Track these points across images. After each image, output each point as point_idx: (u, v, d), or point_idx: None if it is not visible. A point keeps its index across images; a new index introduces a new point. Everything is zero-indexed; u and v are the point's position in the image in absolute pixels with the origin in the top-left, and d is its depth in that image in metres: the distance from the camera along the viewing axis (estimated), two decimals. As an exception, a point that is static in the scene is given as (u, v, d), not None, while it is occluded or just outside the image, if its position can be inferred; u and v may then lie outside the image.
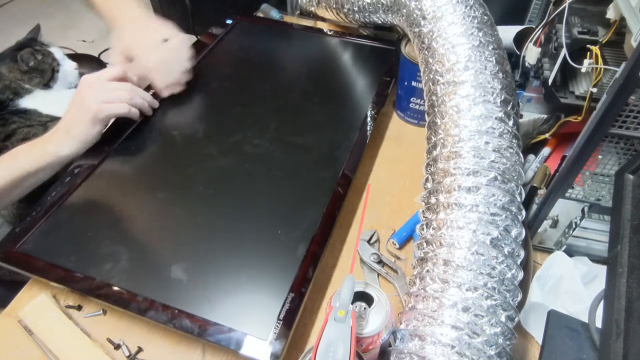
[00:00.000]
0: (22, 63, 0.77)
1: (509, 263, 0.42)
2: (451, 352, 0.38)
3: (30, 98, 0.77)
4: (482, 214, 0.43)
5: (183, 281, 0.50)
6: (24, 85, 0.77)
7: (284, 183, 0.61)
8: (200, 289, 0.49)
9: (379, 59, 0.83)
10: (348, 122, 0.70)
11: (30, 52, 0.79)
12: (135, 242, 0.54)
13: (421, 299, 0.42)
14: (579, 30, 0.51)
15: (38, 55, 0.79)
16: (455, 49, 0.53)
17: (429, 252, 0.44)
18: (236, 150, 0.65)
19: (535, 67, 0.61)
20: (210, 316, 0.47)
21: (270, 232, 0.55)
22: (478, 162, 0.45)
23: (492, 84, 0.49)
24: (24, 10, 2.05)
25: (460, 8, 0.55)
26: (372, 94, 0.74)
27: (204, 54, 0.83)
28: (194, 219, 0.56)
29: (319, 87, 0.78)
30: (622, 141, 0.46)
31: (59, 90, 0.81)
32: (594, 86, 0.50)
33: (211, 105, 0.74)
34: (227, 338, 0.45)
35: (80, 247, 0.53)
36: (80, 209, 0.57)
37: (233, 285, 0.50)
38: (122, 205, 0.58)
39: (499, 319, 0.39)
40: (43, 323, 0.50)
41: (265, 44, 0.88)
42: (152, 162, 0.64)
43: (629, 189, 0.44)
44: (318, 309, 0.54)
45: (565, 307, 0.49)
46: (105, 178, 0.61)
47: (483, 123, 0.47)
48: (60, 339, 0.49)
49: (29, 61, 0.78)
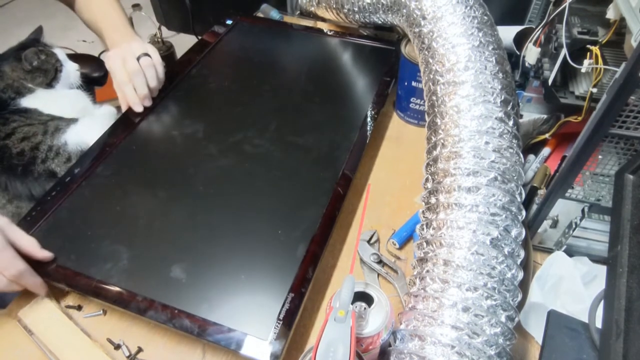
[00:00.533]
0: (26, 62, 0.77)
1: (509, 263, 0.42)
2: (451, 352, 0.37)
3: (31, 97, 0.77)
4: (482, 214, 0.43)
5: (183, 281, 0.50)
6: (26, 85, 0.77)
7: (284, 183, 0.61)
8: (200, 288, 0.49)
9: (379, 59, 0.83)
10: (348, 122, 0.70)
11: (34, 52, 0.79)
12: (135, 241, 0.54)
13: (421, 299, 0.42)
14: (579, 30, 0.51)
15: (42, 55, 0.80)
16: (455, 49, 0.53)
17: (429, 252, 0.44)
18: (236, 150, 0.65)
19: (535, 67, 0.61)
20: (210, 316, 0.47)
21: (270, 232, 0.55)
22: (478, 162, 0.45)
23: (492, 84, 0.49)
24: (25, 11, 2.05)
25: (460, 8, 0.55)
26: (372, 94, 0.74)
27: (204, 54, 0.83)
28: (193, 219, 0.56)
29: (319, 87, 0.78)
30: (622, 141, 0.46)
31: (60, 90, 0.82)
32: (594, 86, 0.50)
33: (211, 105, 0.74)
34: (227, 338, 0.45)
35: (80, 247, 0.53)
36: (80, 209, 0.57)
37: (233, 285, 0.50)
38: (122, 205, 0.58)
39: (499, 319, 0.39)
40: (43, 323, 0.50)
41: (266, 44, 0.88)
42: (152, 161, 0.64)
43: (629, 189, 0.44)
44: (318, 309, 0.54)
45: (565, 307, 0.49)
46: (105, 177, 0.61)
47: (483, 123, 0.47)
48: (60, 339, 0.49)
49: (33, 60, 0.78)
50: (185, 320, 0.46)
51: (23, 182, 0.71)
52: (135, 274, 0.51)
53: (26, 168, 0.71)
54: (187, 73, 0.79)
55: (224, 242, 0.54)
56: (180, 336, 0.51)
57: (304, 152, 0.65)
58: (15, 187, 0.71)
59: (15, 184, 0.70)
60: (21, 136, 0.72)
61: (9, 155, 0.70)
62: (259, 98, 0.75)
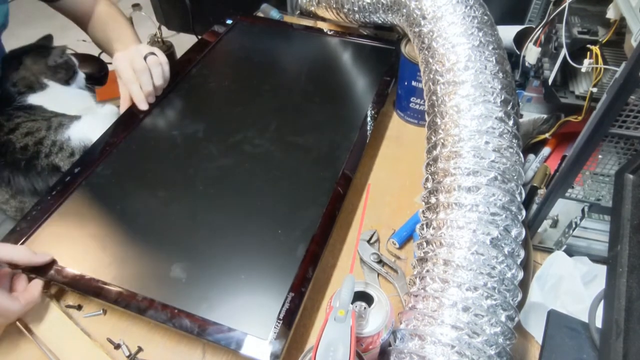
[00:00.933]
0: (53, 57, 0.80)
1: (509, 263, 0.42)
2: (451, 351, 0.37)
3: (39, 95, 0.78)
4: (482, 213, 0.43)
5: (183, 280, 0.50)
6: (42, 80, 0.79)
7: (284, 183, 0.61)
8: (200, 288, 0.49)
9: (379, 58, 0.83)
10: (348, 122, 0.70)
11: (62, 50, 0.82)
12: (135, 241, 0.54)
13: (421, 298, 0.42)
14: (579, 30, 0.51)
15: (64, 56, 0.83)
16: (455, 48, 0.53)
17: (429, 251, 0.44)
18: (237, 149, 0.65)
19: (535, 67, 0.61)
20: (210, 316, 0.47)
21: (270, 231, 0.55)
22: (478, 162, 0.45)
23: (492, 84, 0.49)
24: (25, 11, 2.05)
25: (460, 8, 0.55)
26: (372, 94, 0.74)
27: (204, 53, 0.83)
28: (193, 219, 0.56)
29: (319, 87, 0.78)
30: (622, 141, 0.45)
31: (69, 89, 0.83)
32: (594, 86, 0.50)
33: (211, 105, 0.74)
34: (227, 338, 0.45)
35: (80, 246, 0.53)
36: (80, 208, 0.57)
37: (233, 285, 0.50)
38: (122, 204, 0.58)
39: (499, 318, 0.39)
40: (43, 323, 0.50)
41: (265, 44, 0.88)
42: (152, 161, 0.64)
43: (629, 188, 0.44)
44: (318, 309, 0.54)
45: (565, 307, 0.49)
46: (105, 177, 0.61)
47: (483, 123, 0.47)
48: (60, 338, 0.49)
49: (59, 58, 0.81)
50: (185, 320, 0.46)
51: (26, 176, 0.71)
52: (135, 274, 0.50)
53: (29, 162, 0.71)
54: (187, 73, 0.79)
55: (224, 242, 0.54)
56: (180, 336, 0.51)
57: (304, 152, 0.65)
58: (19, 182, 0.71)
59: (18, 178, 0.71)
60: (25, 131, 0.72)
61: (12, 149, 0.71)
62: (259, 98, 0.75)
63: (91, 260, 0.52)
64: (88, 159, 0.63)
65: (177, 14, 1.46)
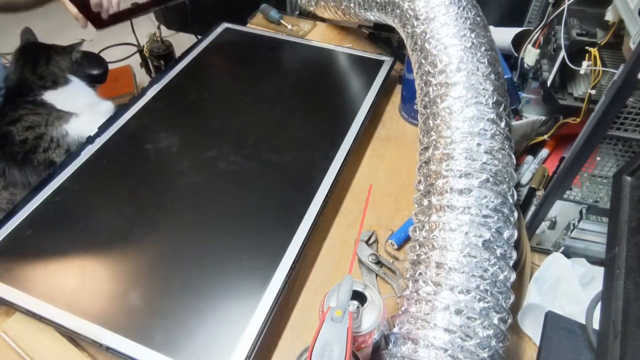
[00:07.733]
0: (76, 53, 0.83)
1: (501, 265, 0.42)
2: (444, 355, 0.37)
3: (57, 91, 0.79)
4: (474, 216, 0.42)
5: (139, 308, 0.47)
6: (66, 75, 0.81)
7: (254, 204, 0.59)
8: (158, 317, 0.47)
9: (366, 70, 0.80)
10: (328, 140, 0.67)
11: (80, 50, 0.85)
12: (94, 263, 0.52)
13: (414, 301, 0.42)
14: (578, 32, 0.51)
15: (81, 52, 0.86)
16: (448, 50, 0.52)
17: (421, 254, 0.44)
18: (210, 166, 0.63)
19: (534, 69, 0.61)
20: (164, 351, 0.44)
21: (236, 256, 0.52)
22: (470, 164, 0.45)
23: (484, 86, 0.49)
24: (25, 11, 2.05)
25: (453, 9, 0.55)
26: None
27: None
28: (157, 240, 0.54)
29: (303, 101, 0.75)
30: (620, 143, 0.45)
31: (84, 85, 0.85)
32: (593, 88, 0.50)
33: (189, 118, 0.72)
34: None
35: (38, 267, 0.51)
36: (43, 224, 0.56)
37: (192, 316, 0.47)
38: (84, 222, 0.56)
39: (492, 321, 0.39)
40: (28, 334, 0.49)
41: (250, 55, 0.86)
42: (121, 176, 0.62)
43: (626, 190, 0.44)
44: (317, 309, 0.53)
45: (562, 309, 0.49)
46: (71, 192, 0.59)
47: (475, 125, 0.47)
48: (46, 349, 0.48)
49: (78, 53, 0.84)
50: None
51: (21, 169, 0.72)
52: (89, 300, 0.48)
53: (26, 156, 0.72)
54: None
55: (186, 265, 0.52)
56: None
57: (280, 170, 0.62)
58: (13, 175, 0.71)
59: (13, 170, 0.71)
60: (27, 125, 0.73)
61: (11, 142, 0.71)
62: (239, 111, 0.73)
63: (45, 283, 0.49)
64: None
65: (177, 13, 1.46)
